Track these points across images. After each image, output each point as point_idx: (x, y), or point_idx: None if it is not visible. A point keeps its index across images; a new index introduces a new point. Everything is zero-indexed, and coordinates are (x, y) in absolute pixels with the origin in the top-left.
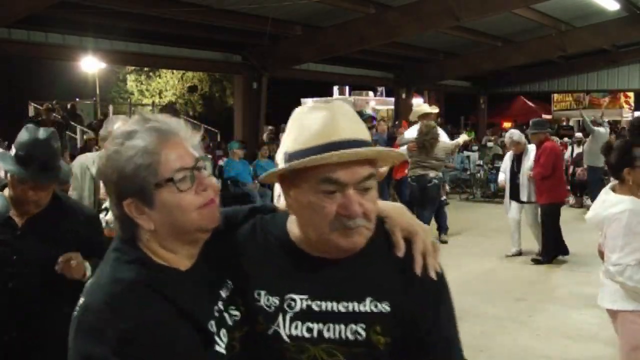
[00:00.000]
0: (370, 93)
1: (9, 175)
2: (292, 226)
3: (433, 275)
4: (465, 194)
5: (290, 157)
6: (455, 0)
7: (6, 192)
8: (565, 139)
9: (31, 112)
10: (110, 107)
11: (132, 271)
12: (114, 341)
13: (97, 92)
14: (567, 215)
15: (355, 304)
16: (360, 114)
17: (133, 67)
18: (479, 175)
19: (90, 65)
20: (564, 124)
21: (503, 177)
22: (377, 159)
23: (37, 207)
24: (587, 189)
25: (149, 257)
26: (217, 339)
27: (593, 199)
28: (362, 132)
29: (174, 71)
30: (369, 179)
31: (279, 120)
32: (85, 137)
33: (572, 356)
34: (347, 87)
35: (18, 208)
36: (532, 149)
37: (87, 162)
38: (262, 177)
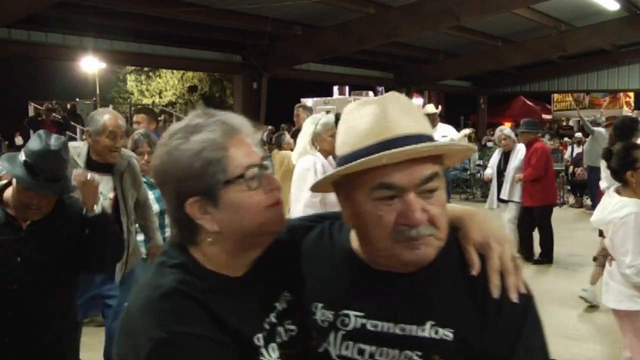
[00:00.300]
0: (370, 93)
1: (14, 179)
2: (354, 236)
3: (514, 297)
4: (465, 194)
5: (340, 161)
6: (455, 0)
7: (8, 192)
8: (565, 139)
9: (31, 112)
10: (110, 107)
11: (172, 277)
12: (147, 350)
13: (97, 92)
14: (567, 215)
15: (414, 327)
16: None
17: (133, 67)
18: (478, 175)
19: (90, 65)
20: (564, 124)
21: (490, 171)
22: (442, 155)
23: (39, 214)
24: (587, 189)
25: (196, 263)
26: (264, 352)
27: (593, 199)
28: (419, 125)
29: (174, 71)
30: (433, 179)
31: (279, 120)
32: (85, 136)
33: (572, 356)
34: (347, 87)
35: (20, 212)
36: (521, 148)
37: (72, 154)
38: (314, 187)
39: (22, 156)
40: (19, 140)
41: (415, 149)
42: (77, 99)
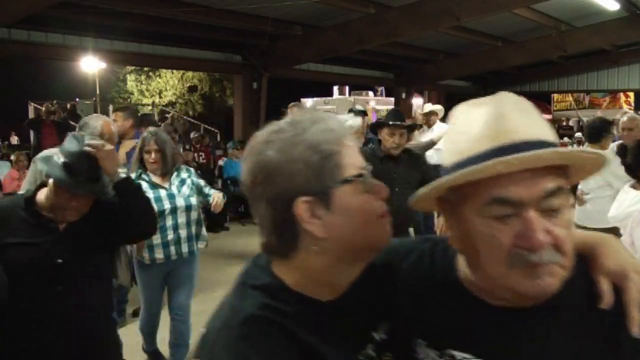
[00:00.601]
0: (370, 93)
1: (50, 181)
2: (462, 262)
3: None
4: None
5: (447, 172)
6: (455, 0)
7: (42, 194)
8: (565, 139)
9: (31, 112)
10: (110, 107)
11: (254, 300)
12: None
13: (97, 92)
14: None
15: None
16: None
17: (133, 67)
18: None
19: (90, 65)
20: (564, 124)
21: None
22: (568, 165)
23: (76, 216)
24: None
25: (282, 284)
26: None
27: None
28: (540, 129)
29: (174, 71)
30: (557, 194)
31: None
32: None
33: None
34: (347, 87)
35: (58, 214)
36: None
37: None
38: (412, 203)
39: (59, 158)
40: (14, 140)
41: (537, 155)
42: (77, 99)
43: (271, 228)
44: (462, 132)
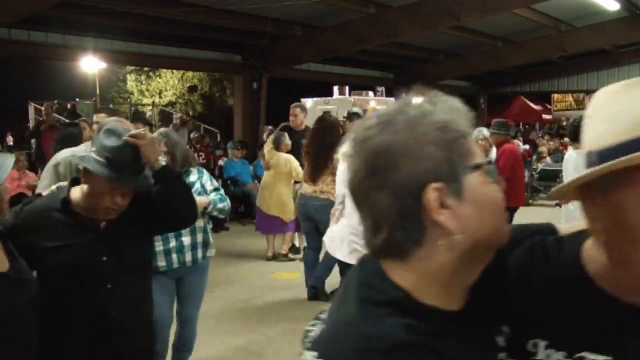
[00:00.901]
0: (370, 93)
1: (93, 181)
2: (593, 257)
3: None
4: None
5: (600, 156)
6: (455, 0)
7: (76, 194)
8: (565, 139)
9: (31, 112)
10: (110, 107)
11: (391, 321)
12: None
13: (97, 92)
14: None
15: None
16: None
17: (133, 67)
18: None
19: (90, 65)
20: (564, 124)
21: None
22: None
23: (117, 213)
24: None
25: (409, 295)
26: None
27: None
28: None
29: (174, 71)
30: None
31: (279, 120)
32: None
33: None
34: (347, 87)
35: (100, 214)
36: (495, 150)
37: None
38: (554, 194)
39: (98, 154)
40: (9, 140)
41: None
42: (77, 99)
43: (395, 222)
44: (620, 111)
